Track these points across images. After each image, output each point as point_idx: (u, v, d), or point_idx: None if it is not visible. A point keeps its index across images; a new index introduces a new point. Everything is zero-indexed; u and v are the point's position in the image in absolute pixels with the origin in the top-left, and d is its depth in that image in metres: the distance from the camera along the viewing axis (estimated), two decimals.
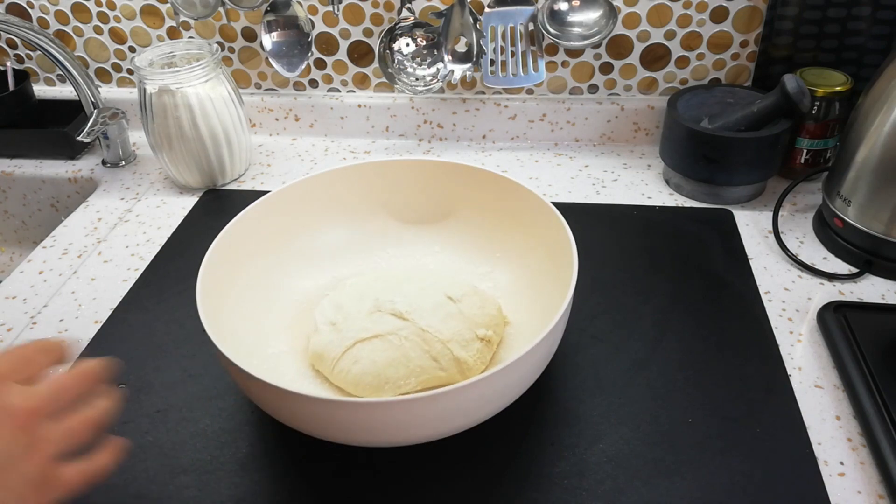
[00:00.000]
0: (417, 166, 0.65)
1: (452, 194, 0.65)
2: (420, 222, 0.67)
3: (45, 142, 0.90)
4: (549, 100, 0.87)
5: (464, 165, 0.64)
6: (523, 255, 0.61)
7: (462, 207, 0.66)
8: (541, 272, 0.58)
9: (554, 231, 0.56)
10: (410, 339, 0.51)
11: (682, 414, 0.53)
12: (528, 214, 0.60)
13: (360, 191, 0.66)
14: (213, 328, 0.47)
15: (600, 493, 0.47)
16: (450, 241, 0.66)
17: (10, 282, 0.70)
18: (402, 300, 0.53)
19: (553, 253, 0.56)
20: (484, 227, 0.65)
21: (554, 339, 0.49)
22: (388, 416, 0.43)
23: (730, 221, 0.73)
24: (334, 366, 0.52)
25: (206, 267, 0.53)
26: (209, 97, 0.77)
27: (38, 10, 0.90)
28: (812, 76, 0.74)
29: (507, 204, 0.62)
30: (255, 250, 0.60)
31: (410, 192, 0.66)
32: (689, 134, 0.73)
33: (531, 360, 0.46)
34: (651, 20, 0.81)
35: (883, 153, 0.61)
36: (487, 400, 0.46)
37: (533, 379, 0.49)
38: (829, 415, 0.53)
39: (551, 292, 0.55)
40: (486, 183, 0.63)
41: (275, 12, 0.84)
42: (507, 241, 0.63)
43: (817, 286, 0.65)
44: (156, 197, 0.82)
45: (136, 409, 0.55)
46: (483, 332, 0.53)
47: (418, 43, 0.84)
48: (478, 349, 0.53)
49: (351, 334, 0.52)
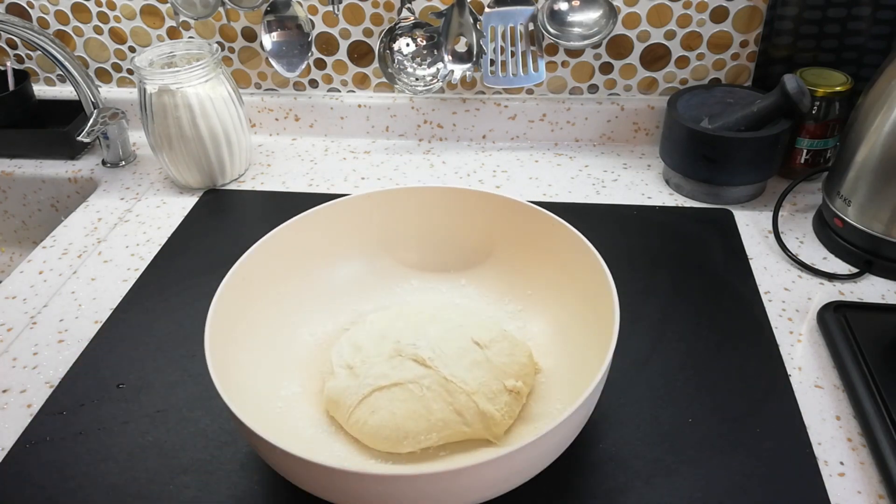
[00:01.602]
0: (445, 194, 0.60)
1: (482, 225, 0.60)
2: (447, 254, 0.62)
3: (45, 142, 0.90)
4: (549, 100, 0.87)
5: (496, 196, 0.59)
6: (557, 295, 0.57)
7: (492, 240, 0.61)
8: (575, 315, 0.54)
9: (591, 272, 0.52)
10: (433, 388, 0.48)
11: (682, 414, 0.53)
12: (563, 252, 0.55)
13: (381, 220, 0.61)
14: (221, 378, 0.44)
15: (600, 493, 0.47)
16: (478, 275, 0.62)
17: (10, 282, 0.70)
18: (426, 344, 0.50)
19: (588, 295, 0.52)
20: (515, 262, 0.60)
21: (591, 403, 0.44)
22: (402, 488, 0.39)
23: (730, 221, 0.73)
24: (350, 415, 0.49)
25: (216, 304, 0.49)
26: (209, 97, 0.77)
27: (38, 10, 0.90)
28: (812, 76, 0.74)
29: (542, 238, 0.57)
30: (269, 284, 0.55)
31: (436, 221, 0.61)
32: (689, 134, 0.73)
33: (566, 429, 0.42)
34: (651, 20, 0.81)
35: (883, 153, 0.61)
36: (516, 472, 0.42)
37: (568, 443, 0.46)
38: (829, 415, 0.53)
39: (586, 339, 0.50)
40: (520, 215, 0.58)
41: (275, 12, 0.84)
42: (540, 279, 0.58)
43: (817, 286, 0.65)
44: (156, 197, 0.82)
45: (136, 409, 0.55)
46: (512, 384, 0.49)
47: (418, 43, 0.84)
48: (506, 402, 0.49)
49: (369, 381, 0.49)
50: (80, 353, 0.61)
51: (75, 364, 0.60)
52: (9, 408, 0.56)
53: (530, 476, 0.44)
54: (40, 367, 0.60)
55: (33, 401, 0.56)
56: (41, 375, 0.59)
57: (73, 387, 0.57)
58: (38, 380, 0.58)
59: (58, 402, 0.56)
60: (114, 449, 0.52)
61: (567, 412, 0.40)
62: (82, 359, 0.60)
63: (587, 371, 0.48)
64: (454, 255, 0.62)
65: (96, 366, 0.59)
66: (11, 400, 0.57)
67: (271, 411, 0.50)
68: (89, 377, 0.58)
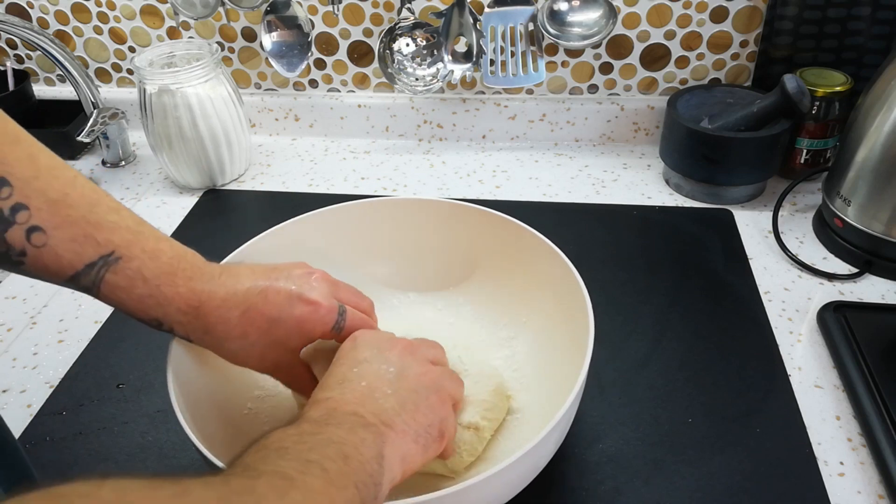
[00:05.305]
0: (431, 207, 0.57)
1: (471, 243, 0.57)
2: (446, 269, 0.59)
3: (45, 142, 0.87)
4: (549, 100, 0.87)
5: (489, 212, 0.56)
6: (544, 323, 0.53)
7: (481, 258, 0.57)
8: (559, 344, 0.51)
9: (573, 298, 0.48)
10: None
11: (682, 414, 0.53)
12: (550, 278, 0.52)
13: (366, 232, 0.58)
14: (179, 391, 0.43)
15: (600, 493, 0.47)
16: (476, 293, 0.58)
17: (10, 282, 0.70)
18: None
19: (572, 324, 0.48)
20: (512, 284, 0.56)
21: (546, 449, 0.42)
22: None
23: (730, 221, 0.73)
24: None
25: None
26: (209, 97, 0.77)
27: (38, 10, 0.90)
28: (812, 76, 0.74)
29: (531, 262, 0.54)
30: None
31: (422, 235, 0.58)
32: (689, 134, 0.73)
33: (510, 475, 0.39)
34: (651, 20, 0.81)
35: (883, 153, 0.61)
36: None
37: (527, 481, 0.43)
38: (829, 415, 0.53)
39: (565, 372, 0.46)
40: (511, 235, 0.55)
41: (275, 12, 0.84)
42: (534, 304, 0.54)
43: (817, 286, 0.65)
44: (156, 197, 0.82)
45: (136, 409, 0.55)
46: (469, 420, 0.45)
47: (418, 43, 0.84)
48: (465, 441, 0.45)
49: None
50: (80, 353, 0.61)
51: (75, 364, 0.59)
52: (9, 408, 0.56)
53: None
54: (40, 367, 0.60)
55: (33, 401, 0.56)
56: (41, 375, 0.59)
57: (73, 387, 0.57)
58: (38, 380, 0.58)
59: (58, 402, 0.56)
60: (114, 449, 0.52)
61: (492, 470, 0.37)
62: (82, 359, 0.60)
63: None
64: (456, 270, 0.59)
65: (96, 366, 0.59)
66: (11, 400, 0.57)
67: (238, 413, 0.49)
68: (89, 377, 0.58)
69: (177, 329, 0.42)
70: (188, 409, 0.42)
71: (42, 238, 0.36)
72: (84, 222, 0.37)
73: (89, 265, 0.38)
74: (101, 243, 0.38)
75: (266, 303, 0.41)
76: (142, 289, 0.39)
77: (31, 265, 0.37)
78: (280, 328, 0.42)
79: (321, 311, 0.42)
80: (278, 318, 0.42)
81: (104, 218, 0.38)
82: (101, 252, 0.38)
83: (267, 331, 0.42)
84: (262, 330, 0.41)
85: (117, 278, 0.39)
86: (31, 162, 0.37)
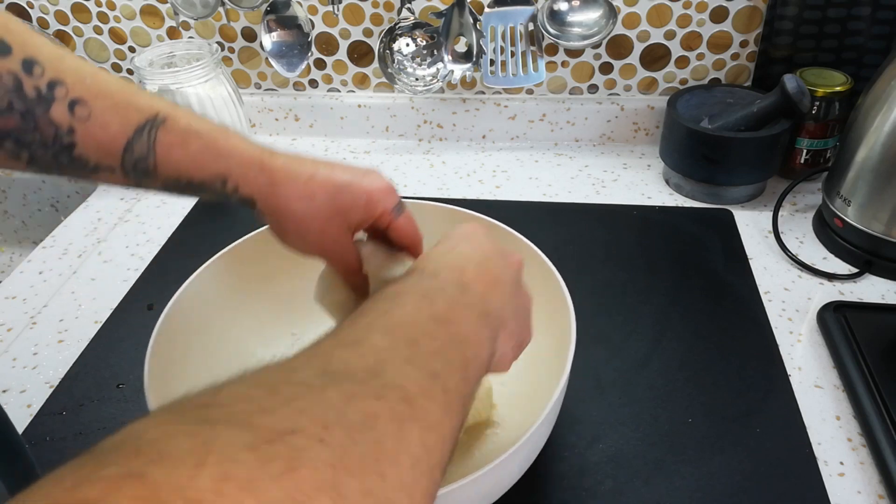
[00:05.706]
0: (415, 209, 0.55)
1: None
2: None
3: None
4: (549, 100, 0.87)
5: (449, 209, 0.55)
6: (540, 327, 0.51)
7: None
8: (545, 358, 0.49)
9: (560, 313, 0.48)
10: None
11: (682, 414, 0.53)
12: (541, 290, 0.48)
13: None
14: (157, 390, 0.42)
15: (600, 493, 0.47)
16: None
17: (10, 282, 0.70)
18: None
19: (558, 334, 0.48)
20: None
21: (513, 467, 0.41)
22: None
23: (730, 221, 0.73)
24: None
25: (159, 333, 0.47)
26: (209, 97, 0.77)
27: (38, 10, 0.90)
28: (812, 76, 0.74)
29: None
30: (227, 299, 0.54)
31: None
32: (689, 134, 0.73)
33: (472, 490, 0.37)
34: (651, 20, 0.81)
35: (883, 153, 0.61)
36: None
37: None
38: (829, 415, 0.53)
39: (547, 383, 0.44)
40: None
41: (275, 12, 0.84)
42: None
43: (817, 286, 0.65)
44: (156, 197, 0.82)
45: (136, 409, 0.55)
46: None
47: (418, 43, 0.84)
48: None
49: None
50: (80, 353, 0.61)
51: (75, 364, 0.59)
52: (9, 408, 0.56)
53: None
54: (40, 367, 0.60)
55: (33, 401, 0.56)
56: (41, 375, 0.59)
57: (73, 387, 0.57)
58: (38, 380, 0.58)
59: (58, 402, 0.56)
60: None
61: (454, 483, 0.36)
62: (82, 359, 0.60)
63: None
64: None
65: (96, 366, 0.59)
66: (11, 400, 0.57)
67: None
68: (89, 377, 0.58)
69: (242, 188, 0.40)
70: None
71: (85, 109, 0.35)
72: (121, 92, 0.36)
73: (139, 129, 0.36)
74: (143, 108, 0.37)
75: (333, 171, 0.41)
76: (198, 143, 0.38)
77: (82, 143, 0.35)
78: (346, 195, 0.41)
79: (387, 189, 0.42)
80: (348, 184, 0.41)
81: (138, 91, 0.38)
82: (146, 115, 0.37)
83: (334, 195, 0.41)
84: (329, 193, 0.40)
85: (170, 137, 0.37)
86: (57, 46, 0.37)
